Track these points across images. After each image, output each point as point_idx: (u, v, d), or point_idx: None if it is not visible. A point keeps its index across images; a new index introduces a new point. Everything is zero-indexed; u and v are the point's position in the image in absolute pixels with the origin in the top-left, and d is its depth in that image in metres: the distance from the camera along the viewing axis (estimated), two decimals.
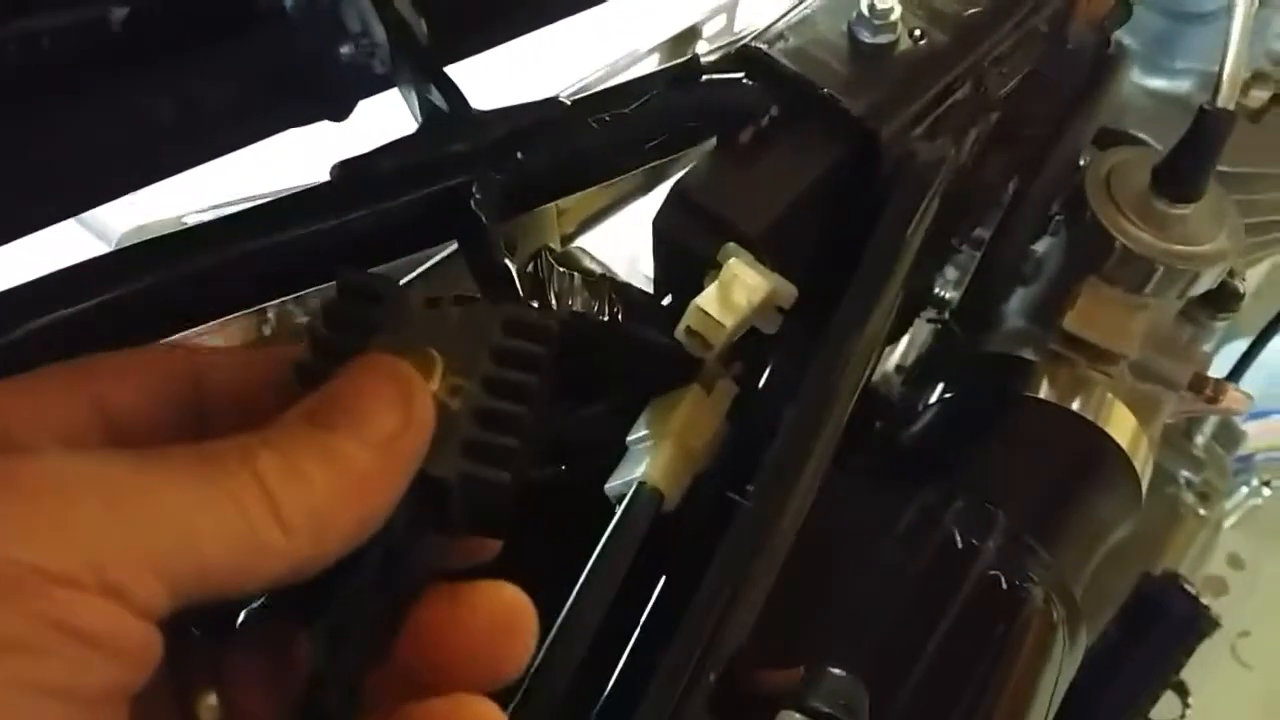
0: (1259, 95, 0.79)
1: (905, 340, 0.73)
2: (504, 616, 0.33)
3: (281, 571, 0.28)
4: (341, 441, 0.30)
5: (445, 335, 0.34)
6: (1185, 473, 0.97)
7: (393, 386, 0.32)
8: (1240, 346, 1.04)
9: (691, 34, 0.93)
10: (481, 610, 0.33)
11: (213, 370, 0.35)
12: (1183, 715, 0.92)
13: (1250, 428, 1.38)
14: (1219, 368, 1.03)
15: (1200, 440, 1.00)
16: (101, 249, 0.70)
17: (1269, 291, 1.06)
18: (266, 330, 0.65)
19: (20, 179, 0.47)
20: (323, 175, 0.62)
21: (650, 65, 0.91)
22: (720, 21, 0.95)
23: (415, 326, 0.35)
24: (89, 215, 0.51)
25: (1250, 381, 1.04)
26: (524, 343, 0.35)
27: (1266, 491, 1.45)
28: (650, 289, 0.50)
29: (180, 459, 0.28)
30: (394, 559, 0.32)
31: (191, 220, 0.67)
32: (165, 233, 0.66)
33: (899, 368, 0.71)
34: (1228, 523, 1.36)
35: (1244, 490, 1.44)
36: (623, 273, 1.05)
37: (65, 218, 0.49)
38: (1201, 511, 0.98)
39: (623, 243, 0.92)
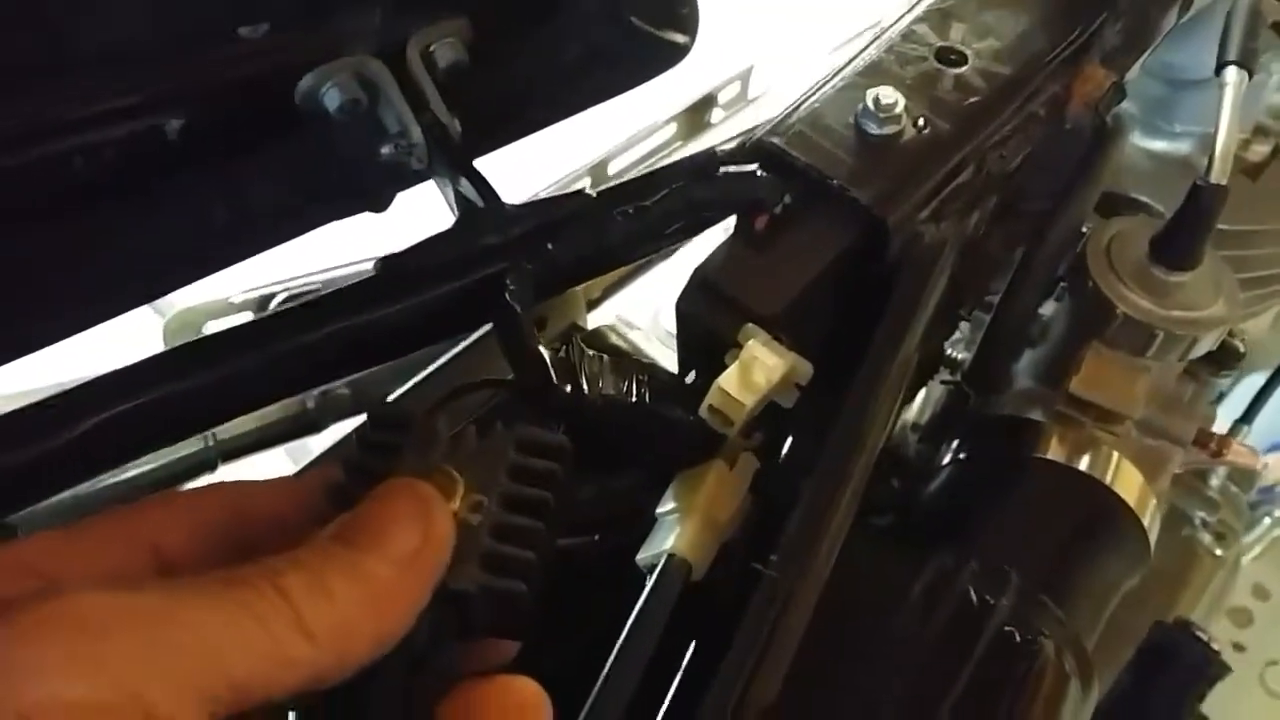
0: (1260, 150, 0.82)
1: (921, 397, 0.76)
2: (518, 711, 0.36)
3: (309, 679, 0.31)
4: (365, 558, 0.33)
5: (467, 455, 0.38)
6: (1201, 514, 0.99)
7: (413, 507, 0.35)
8: (1256, 381, 1.05)
9: (707, 102, 0.97)
10: (497, 706, 0.36)
11: (253, 502, 0.39)
12: None
13: (1270, 459, 1.39)
14: (1235, 404, 1.05)
15: (1215, 482, 1.01)
16: (152, 317, 0.74)
17: None
18: (310, 404, 0.69)
19: (86, 279, 0.51)
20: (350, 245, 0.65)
21: (669, 133, 0.95)
22: (735, 88, 0.98)
23: (439, 449, 0.38)
24: None
25: (1270, 413, 1.06)
26: (538, 460, 0.38)
27: None
28: (672, 343, 0.53)
29: (209, 584, 0.31)
30: (418, 666, 0.35)
31: (237, 300, 0.70)
32: (211, 312, 0.70)
33: (914, 425, 0.73)
34: (1252, 554, 1.37)
35: (1266, 522, 1.44)
36: (646, 326, 1.08)
37: (123, 312, 0.52)
38: (1218, 552, 1.00)
39: (648, 300, 0.96)
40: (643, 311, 1.01)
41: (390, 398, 0.64)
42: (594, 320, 0.77)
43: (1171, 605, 0.93)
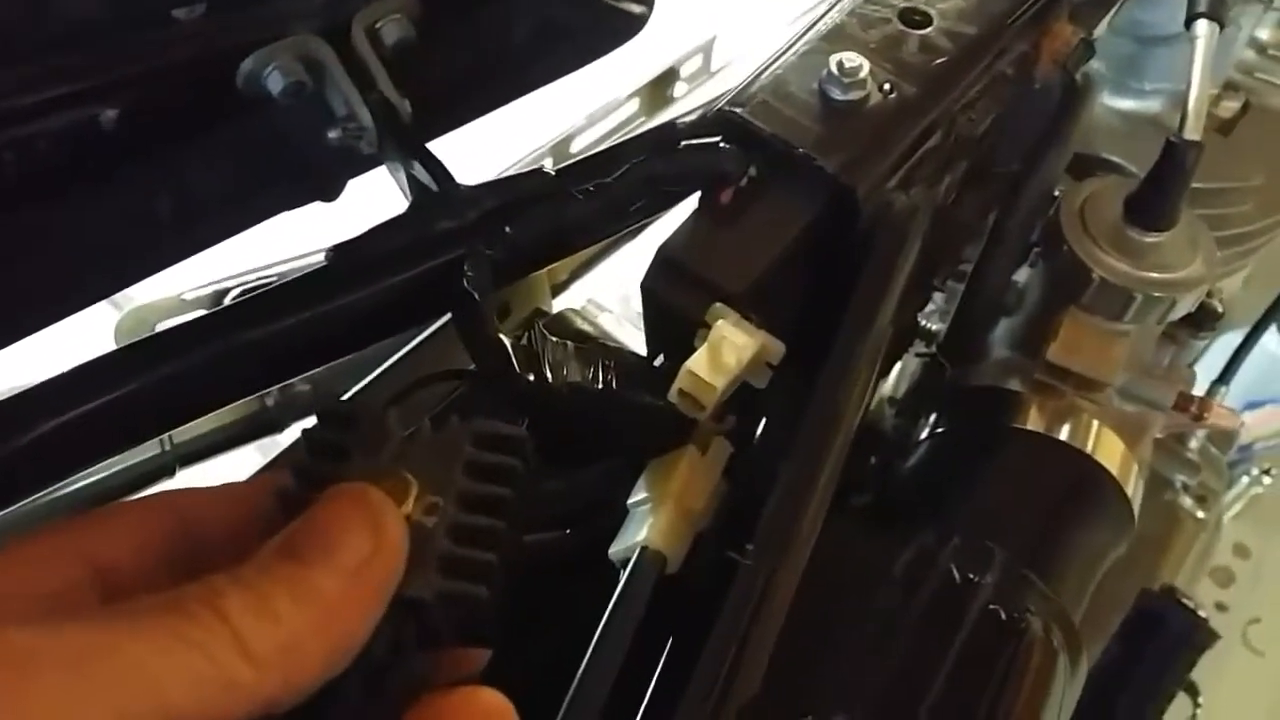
0: (1230, 105, 0.80)
1: (896, 370, 0.74)
2: None
3: (257, 703, 0.29)
4: (311, 572, 0.31)
5: (421, 453, 0.36)
6: (1181, 477, 0.98)
7: (362, 514, 0.33)
8: (1233, 339, 1.05)
9: (670, 75, 0.95)
10: (461, 718, 0.34)
11: (202, 511, 0.37)
12: (1194, 715, 0.93)
13: (1248, 417, 1.39)
14: (1213, 361, 1.05)
15: (1194, 444, 1.01)
16: (107, 310, 0.72)
17: (1259, 283, 1.06)
18: (270, 401, 0.67)
19: (27, 281, 0.49)
20: (306, 234, 0.63)
21: (631, 109, 0.93)
22: (698, 61, 0.96)
23: (390, 448, 0.36)
24: None
25: (1245, 371, 1.06)
26: (496, 455, 0.36)
27: (1267, 480, 1.46)
28: (643, 326, 0.52)
29: (145, 609, 0.29)
30: (377, 681, 0.33)
31: (190, 297, 0.68)
32: (163, 310, 0.68)
33: (891, 400, 0.72)
34: (1231, 513, 1.37)
35: (1245, 480, 1.44)
36: (617, 310, 1.07)
37: (72, 314, 0.50)
38: (1200, 514, 0.99)
39: (618, 282, 0.94)
40: (614, 293, 0.99)
41: (348, 394, 0.62)
42: (565, 304, 0.75)
43: (1156, 571, 0.92)
